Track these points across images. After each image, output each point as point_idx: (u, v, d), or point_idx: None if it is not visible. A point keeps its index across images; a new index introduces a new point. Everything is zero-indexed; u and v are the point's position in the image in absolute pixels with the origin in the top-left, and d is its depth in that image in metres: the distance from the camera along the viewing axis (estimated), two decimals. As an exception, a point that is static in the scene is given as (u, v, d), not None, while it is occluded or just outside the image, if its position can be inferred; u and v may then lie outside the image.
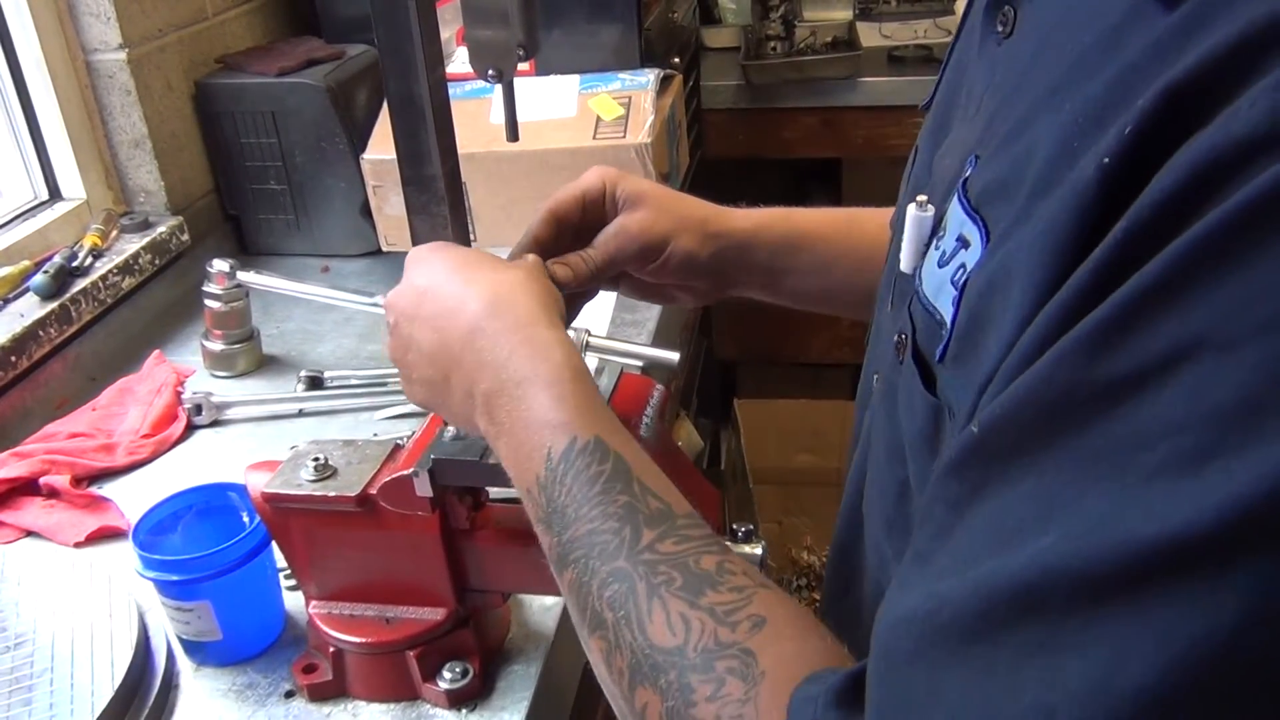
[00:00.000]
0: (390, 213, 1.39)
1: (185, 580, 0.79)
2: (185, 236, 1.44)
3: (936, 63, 0.59)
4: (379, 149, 1.38)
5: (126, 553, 0.82)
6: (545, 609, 0.86)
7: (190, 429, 1.16)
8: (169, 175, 1.44)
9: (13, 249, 1.28)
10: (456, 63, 1.51)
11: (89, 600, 0.85)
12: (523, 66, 1.16)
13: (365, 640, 0.77)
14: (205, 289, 1.24)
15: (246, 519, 0.84)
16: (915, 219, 0.51)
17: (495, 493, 0.80)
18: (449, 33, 1.52)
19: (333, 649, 0.78)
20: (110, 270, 1.30)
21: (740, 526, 0.77)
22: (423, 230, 0.68)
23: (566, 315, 0.79)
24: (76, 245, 1.31)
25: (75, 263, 1.28)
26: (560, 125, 1.36)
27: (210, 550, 0.79)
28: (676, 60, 1.72)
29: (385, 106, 0.99)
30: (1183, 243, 0.32)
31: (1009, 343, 0.39)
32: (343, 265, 1.53)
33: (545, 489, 0.55)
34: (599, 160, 1.32)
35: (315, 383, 1.22)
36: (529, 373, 0.58)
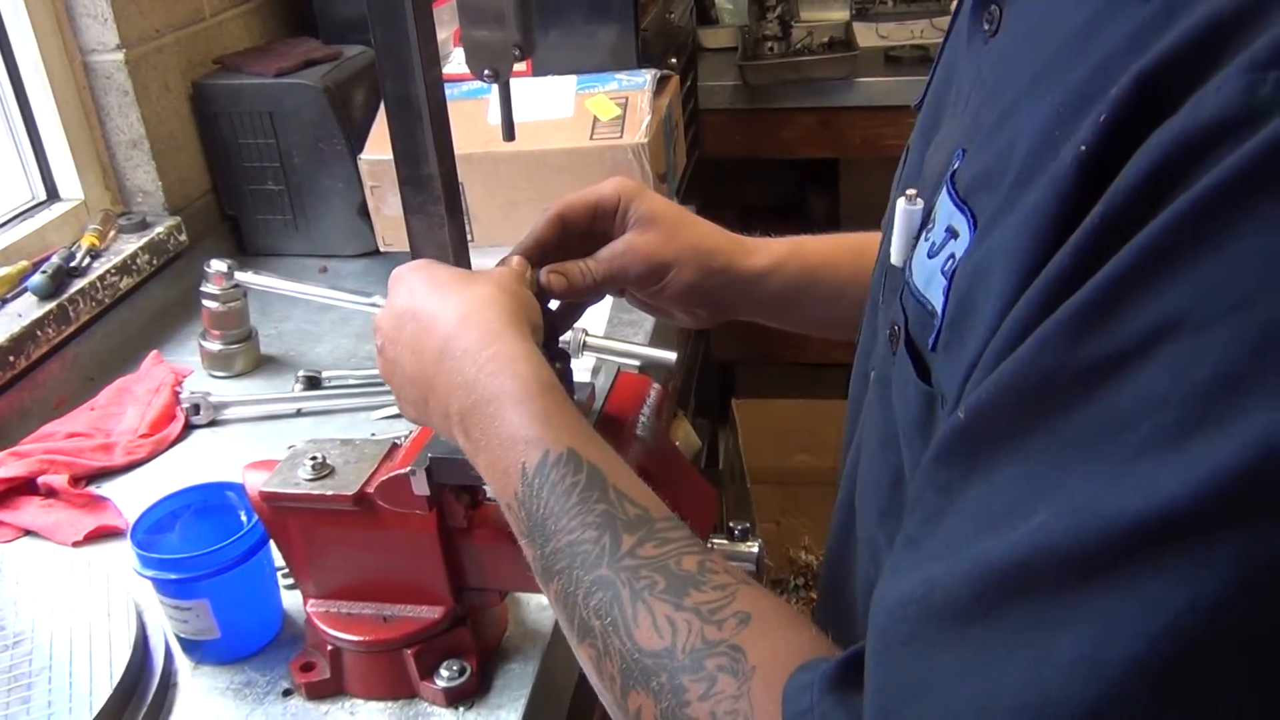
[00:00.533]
0: (388, 213, 1.39)
1: (183, 579, 0.79)
2: (183, 237, 1.44)
3: (933, 63, 0.59)
4: (376, 149, 1.38)
5: (125, 552, 0.82)
6: (542, 607, 0.86)
7: (188, 429, 1.16)
8: (167, 175, 1.44)
9: (11, 249, 1.28)
10: (454, 63, 1.51)
11: (87, 599, 0.85)
12: (519, 67, 1.16)
13: (363, 639, 0.77)
14: (203, 289, 1.24)
15: (244, 518, 0.84)
16: (905, 212, 0.51)
17: (492, 491, 0.80)
18: (446, 33, 1.52)
19: (330, 647, 0.78)
20: (108, 270, 1.31)
21: (737, 525, 0.78)
22: (419, 230, 0.68)
23: (565, 320, 0.79)
24: (74, 245, 1.31)
25: (73, 263, 1.28)
26: (557, 126, 1.37)
27: (208, 549, 0.79)
28: (673, 61, 1.72)
29: (383, 107, 0.99)
30: (1156, 226, 0.33)
31: (992, 329, 0.39)
32: (340, 265, 1.54)
33: (524, 504, 0.56)
34: (596, 160, 1.33)
35: (313, 382, 1.22)
36: (497, 390, 0.59)
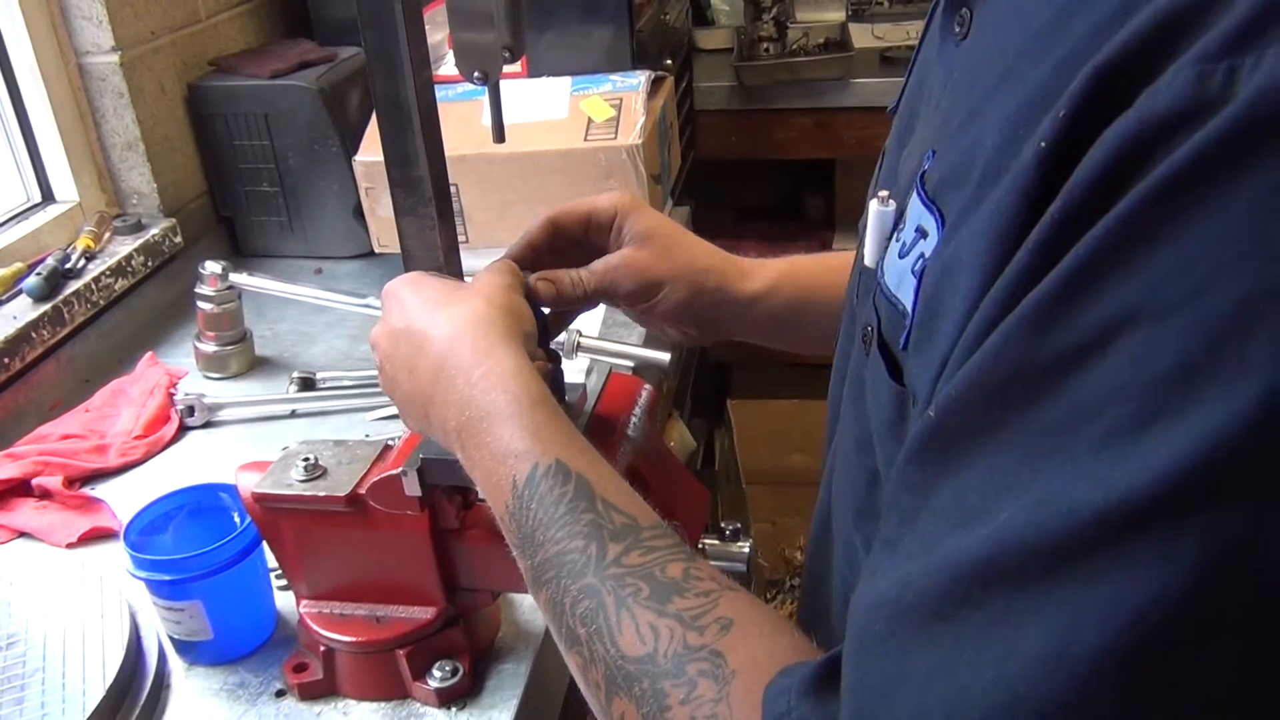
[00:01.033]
0: (383, 214, 1.39)
1: (176, 580, 0.79)
2: (178, 238, 1.45)
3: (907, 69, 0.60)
4: (371, 151, 1.38)
5: (118, 553, 0.82)
6: (534, 608, 0.87)
7: (183, 430, 1.16)
8: (162, 177, 1.45)
9: (6, 251, 1.28)
10: (448, 65, 1.51)
11: (81, 600, 0.86)
12: (514, 68, 1.16)
13: (355, 639, 0.78)
14: (198, 291, 1.24)
15: (237, 519, 0.85)
16: (877, 214, 0.52)
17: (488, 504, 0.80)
18: (440, 36, 1.52)
19: (323, 648, 0.79)
20: (103, 272, 1.31)
21: (728, 525, 0.78)
22: (410, 232, 0.69)
23: (559, 323, 0.79)
24: (69, 247, 1.32)
25: (68, 265, 1.28)
26: (552, 127, 1.37)
27: (201, 550, 0.79)
28: (669, 62, 1.73)
29: (376, 109, 0.99)
30: (1112, 219, 0.33)
31: (960, 327, 0.39)
32: (335, 267, 1.54)
33: (515, 516, 0.57)
34: (590, 162, 1.33)
35: (307, 384, 1.22)
36: (489, 406, 0.59)
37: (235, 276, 1.24)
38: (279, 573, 0.86)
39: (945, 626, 0.35)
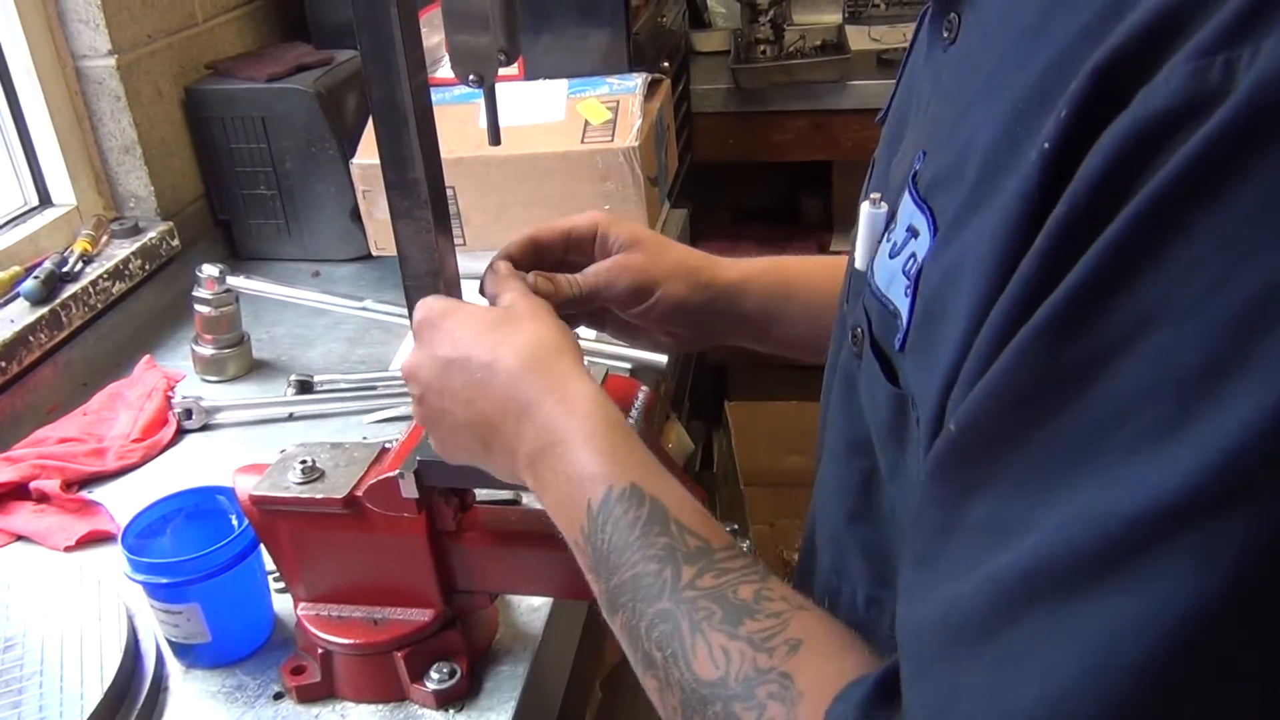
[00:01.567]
0: (380, 217, 1.39)
1: (174, 583, 0.79)
2: (175, 242, 1.45)
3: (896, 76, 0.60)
4: (368, 154, 1.38)
5: (116, 556, 0.82)
6: (532, 610, 0.87)
7: (180, 433, 1.16)
8: (159, 181, 1.45)
9: (3, 255, 1.28)
10: (445, 68, 1.51)
11: (78, 603, 0.86)
12: (510, 71, 1.16)
13: (353, 641, 0.78)
14: (195, 294, 1.24)
15: (235, 522, 0.85)
16: (869, 215, 0.52)
17: (482, 494, 0.80)
18: (437, 39, 1.52)
19: (321, 650, 0.79)
20: (100, 275, 1.31)
21: (727, 526, 0.78)
22: (406, 234, 0.68)
23: None
24: (67, 251, 1.32)
25: (66, 268, 1.28)
26: (548, 129, 1.37)
27: (199, 553, 0.79)
28: (665, 64, 1.73)
29: (372, 111, 0.99)
30: (1123, 221, 0.33)
31: (965, 330, 0.39)
32: (333, 270, 1.54)
33: (589, 539, 0.56)
34: (587, 164, 1.33)
35: (305, 387, 1.22)
36: (564, 432, 0.59)
37: (233, 279, 1.24)
38: (276, 575, 0.86)
39: (991, 645, 0.35)
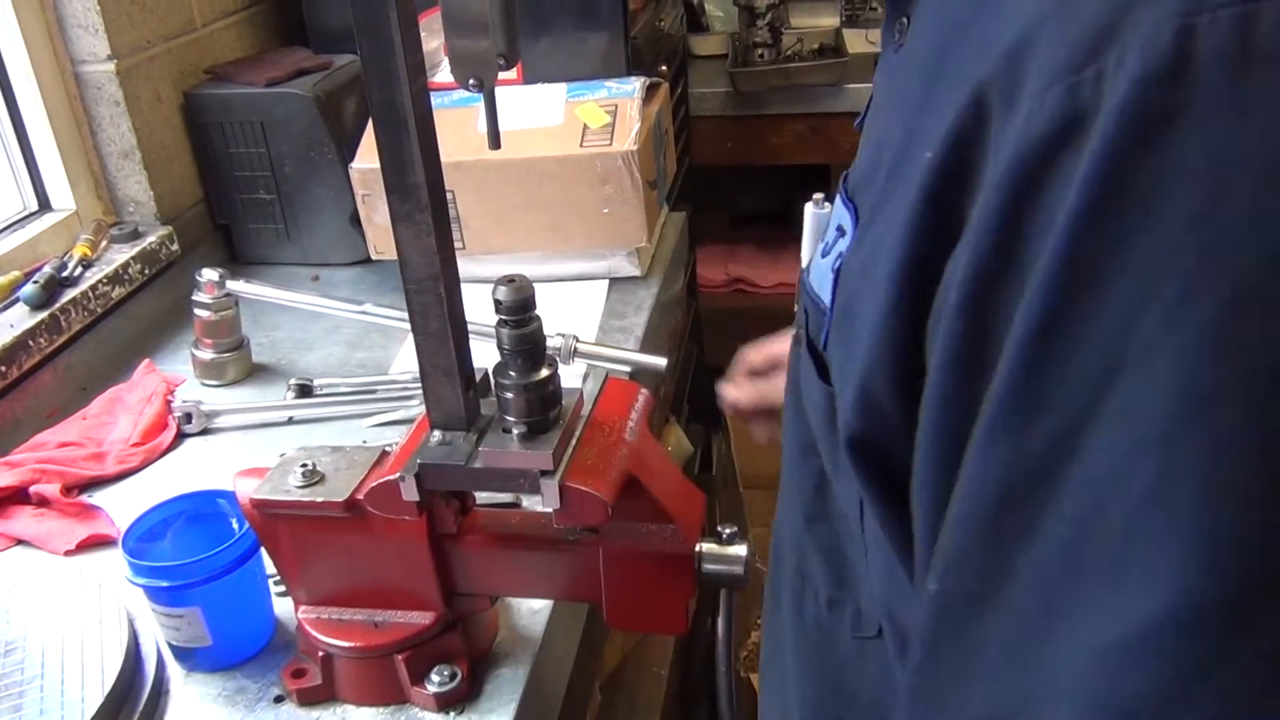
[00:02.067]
0: (379, 221, 1.40)
1: (174, 586, 0.80)
2: (175, 246, 1.45)
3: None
4: (367, 158, 1.38)
5: (116, 560, 0.82)
6: (533, 612, 0.87)
7: (180, 437, 1.16)
8: (158, 185, 1.45)
9: (2, 260, 1.28)
10: (444, 72, 1.52)
11: (79, 607, 0.86)
12: (509, 75, 1.16)
13: (354, 644, 0.78)
14: (195, 298, 1.24)
15: (236, 525, 0.85)
16: (812, 215, 0.52)
17: (482, 497, 0.81)
18: (436, 43, 1.53)
19: (322, 653, 0.79)
20: (100, 280, 1.31)
21: (725, 529, 0.78)
22: (407, 238, 0.69)
23: None
24: (66, 255, 1.32)
25: (65, 273, 1.28)
26: (547, 133, 1.37)
27: (199, 557, 0.79)
28: (664, 68, 1.73)
29: (372, 116, 0.99)
30: (1044, 274, 0.30)
31: (872, 332, 0.38)
32: (332, 274, 1.54)
33: None
34: (585, 168, 1.33)
35: (305, 390, 1.22)
36: None
37: (232, 284, 1.24)
38: (277, 578, 0.86)
39: None
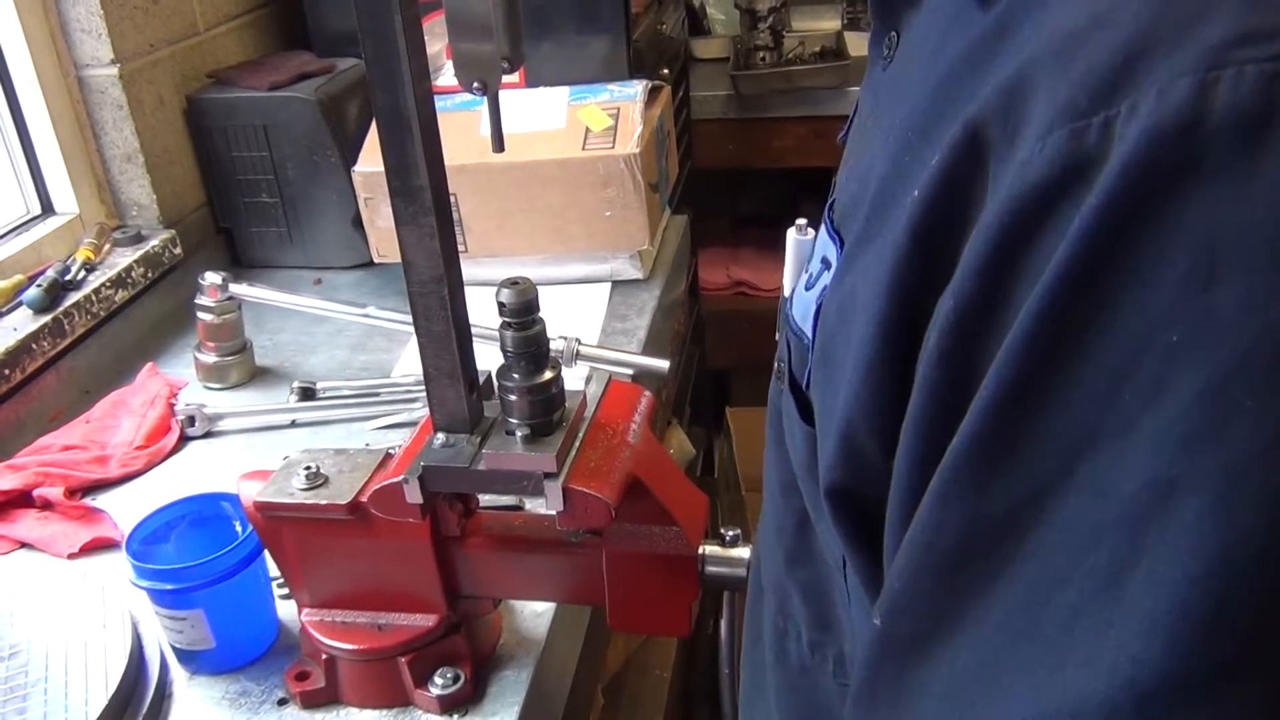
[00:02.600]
0: (382, 224, 1.40)
1: (178, 589, 0.80)
2: (178, 249, 1.45)
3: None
4: (370, 161, 1.38)
5: (120, 563, 0.82)
6: (536, 615, 0.87)
7: (183, 440, 1.16)
8: (161, 189, 1.45)
9: (6, 263, 1.29)
10: (447, 76, 1.52)
11: (83, 610, 0.86)
12: (512, 79, 1.16)
13: (357, 647, 0.78)
14: (198, 301, 1.25)
15: (239, 528, 0.85)
16: (795, 242, 0.50)
17: (485, 499, 0.81)
18: (439, 46, 1.53)
19: (325, 656, 0.79)
20: (103, 283, 1.31)
21: (728, 531, 0.78)
22: (411, 241, 0.69)
23: None
24: (69, 259, 1.32)
25: (68, 276, 1.29)
26: (549, 137, 1.37)
27: (203, 559, 0.79)
28: (665, 71, 1.73)
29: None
30: (1027, 326, 0.28)
31: (853, 376, 0.36)
32: (335, 277, 1.54)
33: None
34: (588, 171, 1.33)
35: (308, 394, 1.22)
36: None
37: (235, 287, 1.24)
38: (281, 581, 0.86)
39: None
